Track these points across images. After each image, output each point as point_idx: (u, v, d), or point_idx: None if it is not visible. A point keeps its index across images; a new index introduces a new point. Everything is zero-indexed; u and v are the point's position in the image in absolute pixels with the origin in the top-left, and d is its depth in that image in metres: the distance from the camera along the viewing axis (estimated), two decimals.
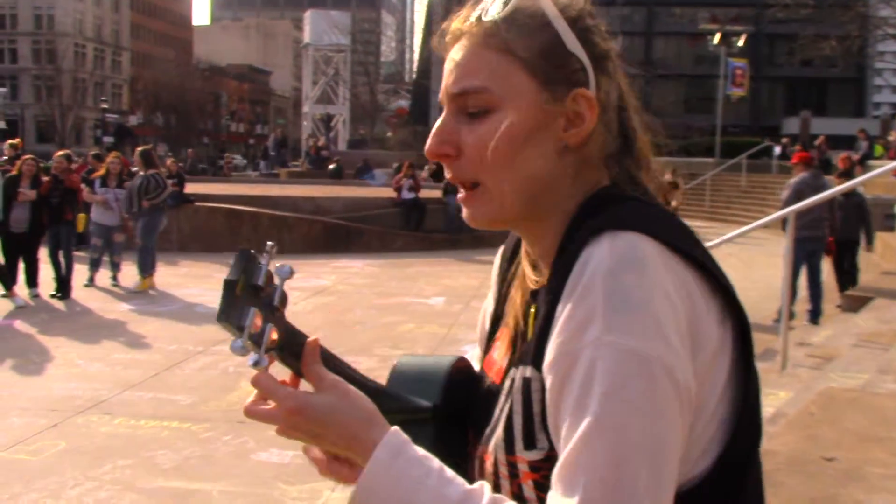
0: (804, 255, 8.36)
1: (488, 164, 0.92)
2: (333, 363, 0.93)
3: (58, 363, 7.14)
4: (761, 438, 0.91)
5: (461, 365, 1.07)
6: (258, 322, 0.83)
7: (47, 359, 7.31)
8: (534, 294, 1.00)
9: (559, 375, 0.82)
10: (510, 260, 1.12)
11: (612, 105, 0.95)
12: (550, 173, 0.93)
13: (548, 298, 0.88)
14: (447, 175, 0.97)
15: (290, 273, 0.89)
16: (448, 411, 1.01)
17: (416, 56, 63.46)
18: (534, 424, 0.88)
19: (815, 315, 8.40)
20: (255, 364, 0.83)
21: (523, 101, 0.91)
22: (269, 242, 0.88)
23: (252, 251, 0.86)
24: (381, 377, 1.25)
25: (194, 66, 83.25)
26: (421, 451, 0.86)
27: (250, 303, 0.83)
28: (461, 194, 0.97)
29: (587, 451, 0.78)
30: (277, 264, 0.88)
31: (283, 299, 0.88)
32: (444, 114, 0.96)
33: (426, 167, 21.08)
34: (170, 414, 5.73)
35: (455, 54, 0.95)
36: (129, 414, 5.73)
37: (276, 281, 0.88)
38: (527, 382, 0.89)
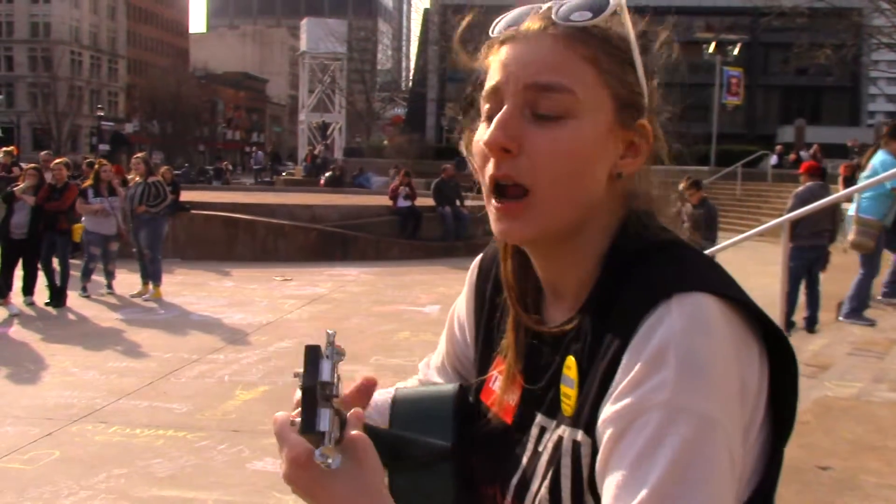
0: (805, 264, 8.37)
1: (552, 172, 0.87)
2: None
3: (52, 371, 7.12)
4: (780, 475, 0.90)
5: (461, 397, 1.06)
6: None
7: (42, 367, 7.29)
8: (555, 333, 0.94)
9: (618, 431, 0.79)
10: (494, 278, 1.08)
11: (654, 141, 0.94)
12: (599, 198, 0.91)
13: (607, 361, 0.84)
14: (494, 170, 0.89)
15: (342, 356, 0.85)
16: (462, 448, 1.01)
17: (412, 64, 63.52)
18: (583, 489, 0.86)
19: (811, 323, 8.41)
20: (332, 463, 0.82)
21: (602, 117, 0.88)
22: (328, 331, 0.84)
23: (318, 347, 0.84)
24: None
25: (190, 73, 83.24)
26: None
27: (324, 404, 0.82)
28: (500, 205, 0.90)
29: None
30: (331, 340, 0.85)
31: (339, 386, 0.86)
32: (508, 107, 0.88)
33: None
34: (165, 422, 5.71)
35: (526, 49, 0.89)
36: (124, 422, 5.71)
37: (334, 362, 0.85)
38: (578, 447, 0.86)
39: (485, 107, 0.92)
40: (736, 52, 35.28)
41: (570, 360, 0.89)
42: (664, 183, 0.97)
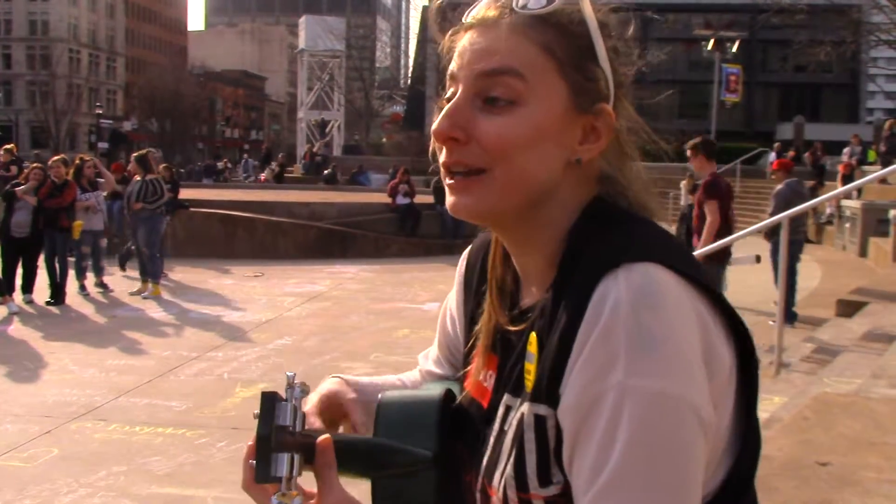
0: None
1: (504, 156, 0.87)
2: (338, 442, 0.93)
3: (52, 369, 7.12)
4: (760, 454, 0.90)
5: (448, 400, 1.05)
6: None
7: (41, 365, 7.29)
8: (522, 314, 0.96)
9: (579, 418, 0.80)
10: (479, 269, 1.09)
11: (623, 126, 0.94)
12: (554, 181, 0.90)
13: (559, 333, 0.84)
14: (445, 158, 0.90)
15: (305, 392, 0.88)
16: (445, 455, 1.00)
17: (411, 62, 63.52)
18: (549, 461, 0.86)
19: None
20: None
21: (553, 102, 0.88)
22: (288, 373, 0.87)
23: (274, 393, 0.85)
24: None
25: (189, 71, 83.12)
26: None
27: (280, 448, 0.84)
28: (453, 181, 0.90)
29: (614, 496, 0.77)
30: (292, 382, 0.87)
31: (303, 421, 0.88)
32: (459, 96, 0.89)
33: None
34: (164, 420, 5.71)
35: (482, 37, 0.90)
36: (123, 420, 5.71)
37: (295, 403, 0.87)
38: (541, 420, 0.86)
39: (448, 91, 0.93)
40: (735, 48, 35.27)
41: (532, 337, 0.90)
42: (642, 172, 0.97)
